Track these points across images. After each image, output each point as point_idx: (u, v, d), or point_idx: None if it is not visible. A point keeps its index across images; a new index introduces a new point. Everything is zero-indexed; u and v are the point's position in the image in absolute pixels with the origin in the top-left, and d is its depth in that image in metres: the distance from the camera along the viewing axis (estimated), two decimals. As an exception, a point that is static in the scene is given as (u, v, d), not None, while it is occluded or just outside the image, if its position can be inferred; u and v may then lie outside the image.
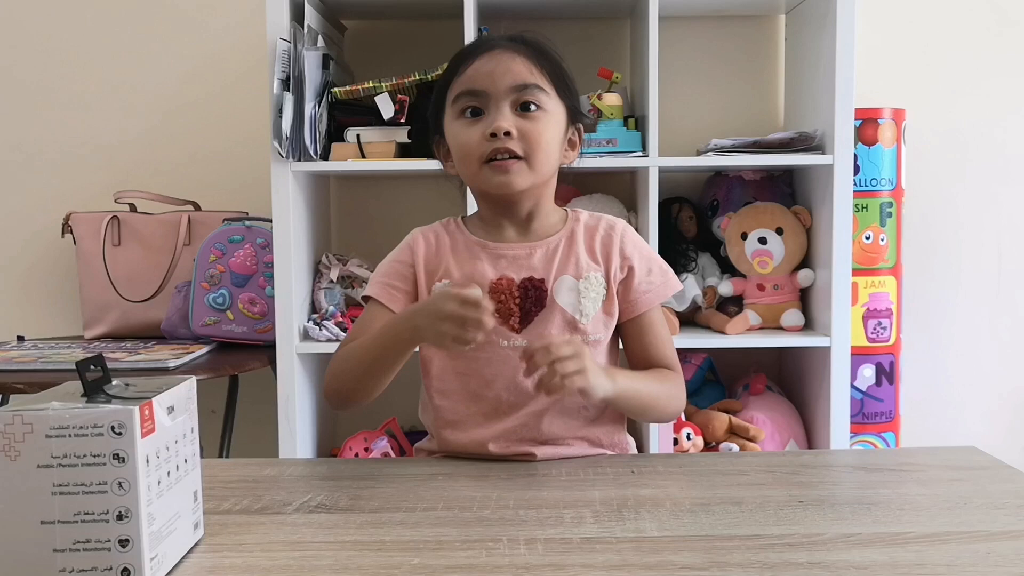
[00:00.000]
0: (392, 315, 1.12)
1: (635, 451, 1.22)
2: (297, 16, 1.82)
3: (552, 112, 1.10)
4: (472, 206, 1.62)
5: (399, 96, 1.86)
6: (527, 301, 1.10)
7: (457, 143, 1.11)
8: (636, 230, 1.96)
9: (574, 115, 1.14)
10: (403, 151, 1.89)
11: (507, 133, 1.06)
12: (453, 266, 1.13)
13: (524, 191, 1.10)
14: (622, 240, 1.15)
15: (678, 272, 2.01)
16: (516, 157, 1.07)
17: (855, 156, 1.90)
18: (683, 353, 2.07)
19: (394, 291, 1.14)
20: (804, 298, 2.02)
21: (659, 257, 1.19)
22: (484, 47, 1.11)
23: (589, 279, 1.11)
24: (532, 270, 1.11)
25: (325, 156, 1.87)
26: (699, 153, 1.99)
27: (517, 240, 1.14)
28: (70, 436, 0.67)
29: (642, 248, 1.16)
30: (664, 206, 2.06)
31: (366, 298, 1.17)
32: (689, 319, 2.06)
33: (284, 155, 1.80)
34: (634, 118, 1.95)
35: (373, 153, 1.87)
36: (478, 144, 1.07)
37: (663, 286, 1.15)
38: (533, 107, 1.08)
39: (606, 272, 1.13)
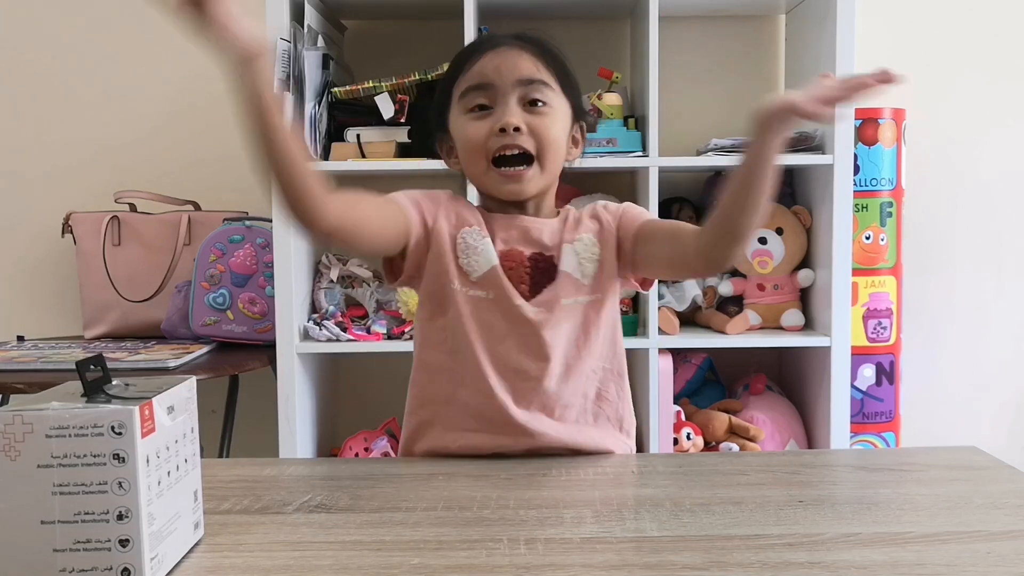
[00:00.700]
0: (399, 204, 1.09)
1: (633, 444, 1.21)
2: (297, 16, 1.82)
3: (558, 108, 1.11)
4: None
5: (399, 96, 1.86)
6: (537, 272, 1.11)
7: (465, 138, 1.10)
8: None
9: (578, 113, 1.15)
10: (403, 151, 1.89)
11: (516, 129, 1.06)
12: (475, 221, 1.12)
13: (533, 195, 1.11)
14: (604, 206, 1.17)
15: (678, 272, 2.01)
16: (526, 155, 1.08)
17: (855, 156, 1.90)
18: (683, 353, 2.07)
19: (415, 204, 1.11)
20: (804, 298, 2.02)
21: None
22: (489, 44, 1.11)
23: (582, 240, 1.13)
24: (541, 246, 1.12)
25: (325, 156, 1.87)
26: (699, 153, 1.99)
27: None
28: (70, 436, 0.67)
29: (619, 205, 1.19)
30: (664, 206, 2.06)
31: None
32: (689, 319, 2.06)
33: (284, 155, 1.80)
34: (634, 118, 1.95)
35: (373, 153, 1.87)
36: (486, 139, 1.08)
37: (645, 212, 1.18)
38: (540, 103, 1.09)
39: (600, 235, 1.14)
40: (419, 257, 1.11)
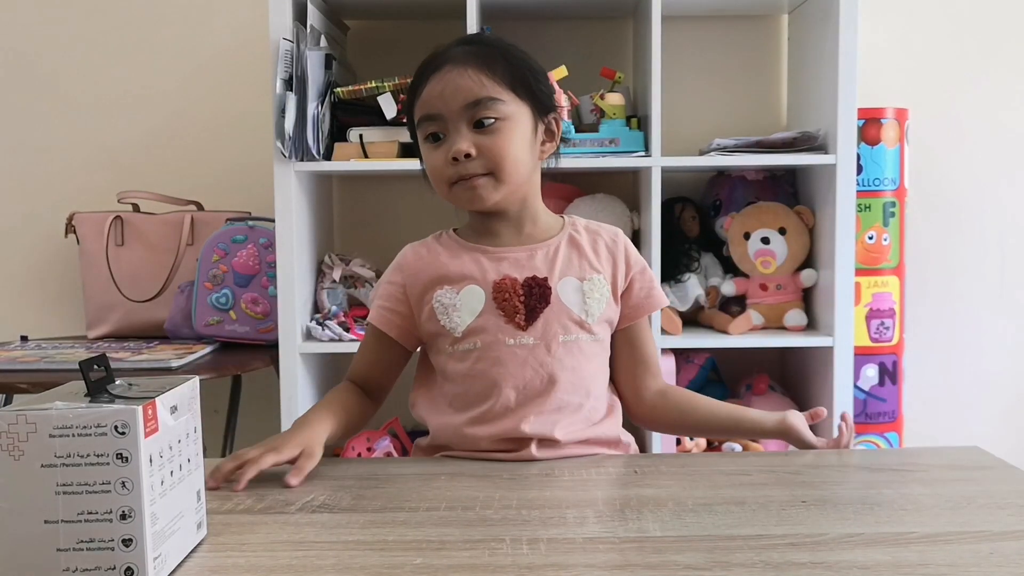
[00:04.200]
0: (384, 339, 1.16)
1: (636, 449, 1.22)
2: (300, 16, 1.83)
3: (512, 118, 1.08)
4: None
5: (402, 96, 1.86)
6: (531, 298, 1.10)
7: (427, 165, 1.12)
8: (639, 230, 1.97)
9: (542, 109, 1.12)
10: (406, 151, 1.89)
11: (467, 155, 1.06)
12: (452, 268, 1.12)
13: (498, 201, 1.10)
14: (626, 250, 1.17)
15: (680, 272, 2.01)
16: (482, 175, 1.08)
17: (858, 156, 1.90)
18: (686, 353, 2.07)
19: (390, 314, 1.15)
20: (807, 298, 2.02)
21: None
22: (433, 65, 1.10)
23: (594, 281, 1.13)
24: (534, 270, 1.12)
25: (328, 156, 1.87)
26: (702, 153, 1.99)
27: (515, 244, 1.14)
28: (73, 436, 0.67)
29: (640, 259, 1.20)
30: (667, 206, 2.05)
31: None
32: (692, 319, 2.06)
33: (287, 155, 1.81)
34: (637, 118, 1.95)
35: (376, 153, 1.87)
36: (443, 168, 1.09)
37: (658, 297, 1.19)
38: (489, 121, 1.07)
39: (612, 279, 1.15)
40: (411, 339, 1.17)
